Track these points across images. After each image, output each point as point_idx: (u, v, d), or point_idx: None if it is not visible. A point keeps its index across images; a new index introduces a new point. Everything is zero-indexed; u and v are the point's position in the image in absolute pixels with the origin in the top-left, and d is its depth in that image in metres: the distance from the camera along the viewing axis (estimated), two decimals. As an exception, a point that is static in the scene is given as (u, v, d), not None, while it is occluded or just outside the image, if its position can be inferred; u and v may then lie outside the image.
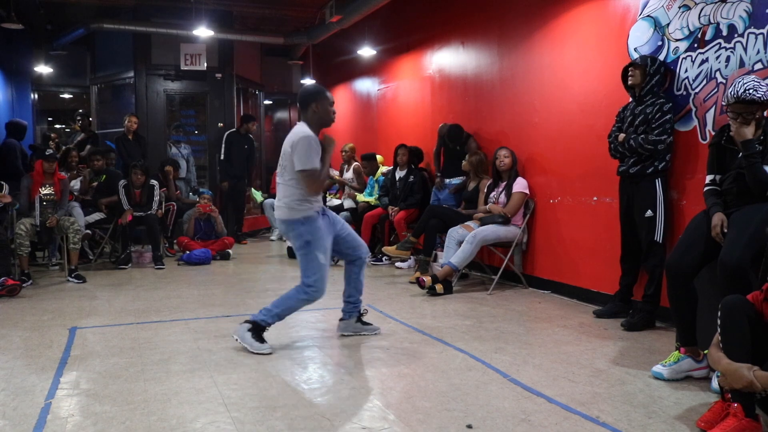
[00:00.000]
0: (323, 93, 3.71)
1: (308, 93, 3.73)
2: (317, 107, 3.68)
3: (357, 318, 4.03)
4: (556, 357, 3.52)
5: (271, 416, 2.68)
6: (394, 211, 6.84)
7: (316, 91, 3.73)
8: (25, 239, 5.73)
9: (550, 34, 5.33)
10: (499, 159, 5.57)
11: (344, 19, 7.78)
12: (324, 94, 3.70)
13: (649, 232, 4.12)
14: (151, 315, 4.60)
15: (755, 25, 3.65)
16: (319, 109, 3.68)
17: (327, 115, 3.71)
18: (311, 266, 3.63)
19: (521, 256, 5.72)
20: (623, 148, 4.17)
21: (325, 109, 3.70)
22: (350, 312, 4.02)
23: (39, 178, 6.05)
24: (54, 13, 9.32)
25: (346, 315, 4.03)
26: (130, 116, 8.31)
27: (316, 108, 3.68)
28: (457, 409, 2.75)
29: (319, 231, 3.64)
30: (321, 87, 3.80)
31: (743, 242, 2.91)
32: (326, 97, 3.70)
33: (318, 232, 3.64)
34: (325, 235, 3.68)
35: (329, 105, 3.71)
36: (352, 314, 4.02)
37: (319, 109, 3.68)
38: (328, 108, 3.71)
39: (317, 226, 3.64)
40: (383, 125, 8.74)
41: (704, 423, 2.51)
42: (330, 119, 3.74)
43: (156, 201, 7.10)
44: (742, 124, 3.08)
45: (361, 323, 4.04)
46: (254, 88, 11.13)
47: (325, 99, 3.69)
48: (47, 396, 2.92)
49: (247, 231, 9.60)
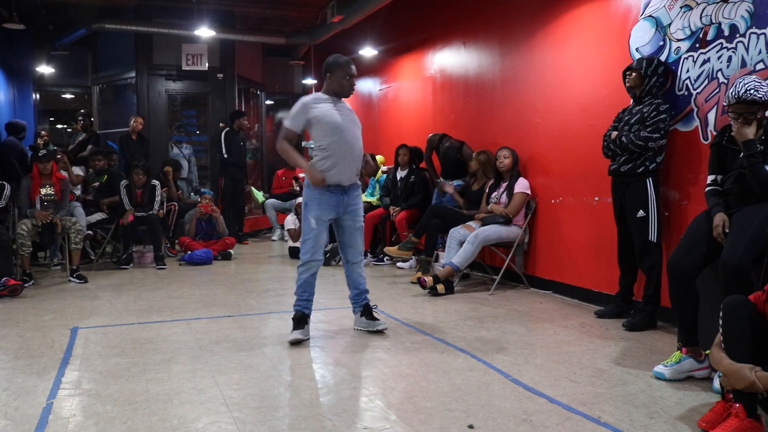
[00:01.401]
0: (337, 65, 3.86)
1: (326, 65, 3.92)
2: (331, 78, 3.87)
3: (361, 313, 4.14)
4: (558, 357, 3.52)
5: (272, 416, 2.68)
6: (396, 211, 6.84)
7: (332, 62, 3.89)
8: (26, 239, 5.73)
9: (552, 34, 5.32)
10: (500, 159, 5.57)
11: (346, 19, 7.78)
12: (337, 66, 3.86)
13: (642, 232, 4.12)
14: (152, 315, 4.61)
15: (757, 25, 3.64)
16: (333, 81, 3.87)
17: (340, 87, 3.88)
18: (305, 229, 3.89)
19: (523, 256, 5.72)
20: (615, 145, 4.17)
21: (338, 81, 3.86)
22: (356, 307, 4.18)
23: (37, 179, 6.06)
24: (56, 13, 9.33)
25: (354, 310, 4.20)
26: (135, 117, 8.35)
27: (330, 79, 3.87)
28: (458, 410, 2.75)
29: (316, 199, 3.83)
30: (338, 58, 3.90)
31: (745, 242, 2.90)
32: (340, 68, 3.85)
33: (314, 200, 3.84)
34: (322, 206, 3.83)
35: (343, 77, 3.85)
36: (356, 309, 4.18)
37: (333, 80, 3.87)
38: (342, 80, 3.86)
39: (315, 194, 3.83)
40: (384, 125, 8.74)
41: (706, 423, 2.50)
42: (344, 91, 3.90)
43: (157, 201, 7.10)
44: (743, 124, 3.08)
45: (366, 318, 4.13)
46: (256, 88, 11.15)
47: (338, 70, 3.85)
48: (49, 396, 2.93)
49: (248, 231, 9.61)
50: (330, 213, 3.88)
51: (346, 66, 3.85)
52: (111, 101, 10.31)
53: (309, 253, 3.86)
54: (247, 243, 9.07)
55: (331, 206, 3.87)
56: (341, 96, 3.91)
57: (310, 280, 3.89)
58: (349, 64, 3.87)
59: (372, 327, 4.09)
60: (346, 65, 3.86)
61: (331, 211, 3.88)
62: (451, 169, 6.53)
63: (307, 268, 3.87)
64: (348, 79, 3.86)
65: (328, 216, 3.88)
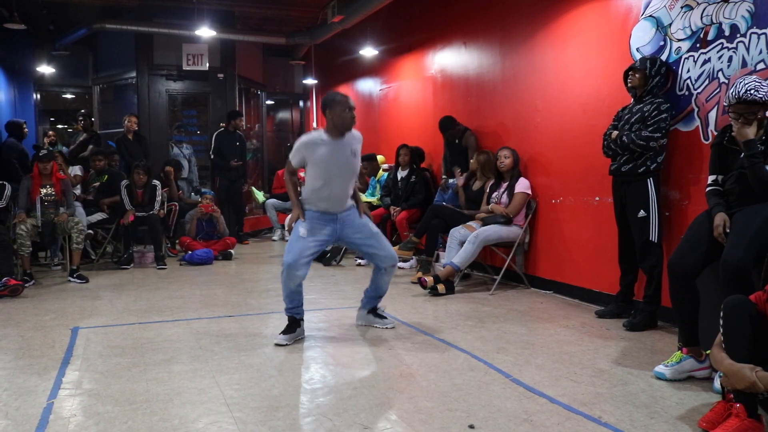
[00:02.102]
0: (335, 100, 3.85)
1: (323, 102, 3.93)
2: (331, 114, 3.84)
3: (369, 310, 4.20)
4: (558, 357, 3.52)
5: (273, 416, 2.68)
6: (396, 211, 6.84)
7: (329, 99, 3.88)
8: (26, 239, 5.73)
9: (552, 34, 5.32)
10: (500, 159, 5.57)
11: (346, 19, 7.78)
12: (335, 102, 3.84)
13: (642, 232, 4.12)
14: (153, 315, 4.61)
15: (758, 25, 3.64)
16: (333, 116, 3.84)
17: (341, 120, 3.84)
18: (292, 236, 3.95)
19: (523, 256, 5.72)
20: (615, 145, 4.17)
21: (338, 115, 3.83)
22: (365, 304, 4.24)
23: (37, 179, 6.06)
24: (56, 13, 9.33)
25: (362, 305, 4.25)
26: (129, 116, 8.32)
27: (331, 116, 3.85)
28: (459, 409, 2.75)
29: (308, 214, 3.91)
30: (334, 95, 3.90)
31: (746, 242, 2.91)
32: (338, 103, 3.83)
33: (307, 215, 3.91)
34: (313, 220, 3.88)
35: (342, 111, 3.82)
36: (365, 306, 4.23)
37: (333, 116, 3.84)
38: (342, 114, 3.83)
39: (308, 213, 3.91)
40: (385, 125, 8.74)
41: (706, 423, 2.50)
42: (345, 125, 3.86)
43: (158, 201, 7.10)
44: (743, 124, 3.08)
45: (374, 315, 4.20)
46: (256, 89, 11.14)
47: (337, 106, 3.82)
48: (49, 396, 2.93)
49: (248, 231, 9.61)
50: (324, 229, 3.89)
51: (344, 101, 3.84)
52: (111, 101, 10.31)
53: (293, 255, 3.79)
54: (248, 243, 9.07)
55: (324, 223, 3.90)
56: (342, 131, 3.87)
57: (297, 290, 3.88)
58: (346, 98, 3.86)
59: (377, 324, 4.16)
60: (344, 100, 3.85)
61: (325, 227, 3.89)
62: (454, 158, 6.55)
63: (288, 277, 3.79)
64: (348, 111, 3.84)
65: (320, 230, 3.88)
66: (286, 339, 3.80)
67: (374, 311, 4.22)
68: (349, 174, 3.93)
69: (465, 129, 6.42)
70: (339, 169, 3.85)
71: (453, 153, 6.59)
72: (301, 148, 3.86)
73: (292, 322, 3.90)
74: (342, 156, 3.86)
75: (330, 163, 3.82)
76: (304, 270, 3.83)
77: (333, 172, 3.83)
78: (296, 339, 3.86)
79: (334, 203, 3.90)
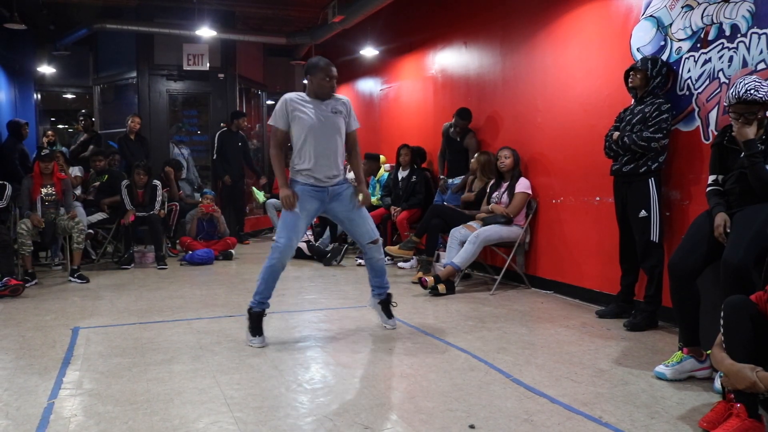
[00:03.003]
0: (318, 67, 3.84)
1: (306, 66, 3.91)
2: (311, 80, 3.86)
3: (380, 301, 4.19)
4: (559, 357, 3.52)
5: (273, 416, 2.68)
6: (397, 211, 6.84)
7: (310, 65, 3.88)
8: (26, 238, 5.73)
9: (553, 34, 5.32)
10: (501, 159, 5.57)
11: (347, 19, 7.78)
12: (317, 68, 3.83)
13: (644, 232, 4.11)
14: (153, 315, 4.61)
15: (758, 25, 3.64)
16: (313, 82, 3.85)
17: (320, 88, 3.84)
18: (282, 214, 3.90)
19: (524, 256, 5.72)
20: (617, 146, 4.17)
21: (318, 83, 3.83)
22: (373, 294, 4.22)
23: (38, 179, 6.06)
24: (57, 13, 9.33)
25: (373, 295, 4.23)
26: (132, 116, 8.32)
27: (311, 81, 3.86)
28: (459, 409, 2.75)
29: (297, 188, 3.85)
30: (318, 60, 3.87)
31: (746, 242, 2.90)
32: (320, 70, 3.83)
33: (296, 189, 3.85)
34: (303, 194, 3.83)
35: (322, 79, 3.83)
36: (374, 296, 4.22)
37: (313, 82, 3.85)
38: (322, 81, 3.83)
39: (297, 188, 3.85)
40: (386, 125, 8.74)
41: (707, 423, 2.50)
42: (324, 92, 3.86)
43: (158, 201, 7.11)
44: (744, 124, 3.08)
45: (382, 307, 4.20)
46: (257, 88, 11.14)
47: (318, 72, 3.83)
48: (50, 396, 2.93)
49: (249, 231, 9.61)
50: (312, 202, 3.86)
51: (326, 68, 3.83)
52: (112, 101, 10.31)
53: (284, 237, 3.78)
54: (249, 243, 9.07)
55: (312, 196, 3.86)
56: (321, 97, 3.87)
57: (275, 275, 3.85)
58: (329, 65, 3.85)
59: (385, 322, 4.17)
60: (327, 67, 3.83)
61: (313, 200, 3.86)
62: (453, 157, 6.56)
63: (280, 258, 3.78)
64: (328, 80, 3.83)
65: (310, 204, 3.85)
66: (260, 341, 3.75)
67: (385, 305, 4.18)
68: (332, 130, 3.87)
69: (469, 129, 6.43)
70: (321, 124, 3.81)
71: (452, 152, 6.60)
72: (283, 105, 3.82)
73: (257, 318, 3.82)
74: (322, 113, 3.84)
75: (310, 117, 3.80)
76: (294, 246, 3.86)
77: (315, 126, 3.79)
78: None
79: (321, 167, 3.83)
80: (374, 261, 4.10)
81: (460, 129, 6.43)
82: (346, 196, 3.97)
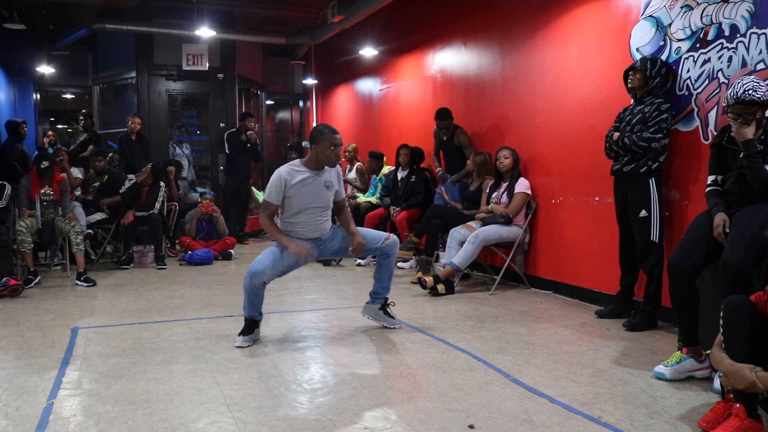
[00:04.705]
0: (322, 135, 3.84)
1: (311, 135, 3.93)
2: (316, 149, 3.86)
3: (380, 306, 4.21)
4: (558, 357, 3.52)
5: (273, 416, 2.68)
6: (396, 211, 6.84)
7: (315, 133, 3.89)
8: (26, 236, 5.72)
9: (552, 34, 5.32)
10: (500, 159, 5.57)
11: (346, 19, 7.78)
12: (322, 137, 3.83)
13: (644, 232, 4.11)
14: (153, 315, 4.61)
15: (757, 25, 3.64)
16: (318, 151, 3.85)
17: (325, 158, 3.87)
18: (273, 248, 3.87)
19: (523, 256, 5.72)
20: (617, 146, 4.18)
21: (322, 152, 3.85)
22: (374, 298, 4.23)
23: (37, 182, 6.05)
24: (56, 13, 9.33)
25: (371, 300, 4.25)
26: (133, 117, 8.32)
27: (316, 150, 3.87)
28: (459, 410, 2.75)
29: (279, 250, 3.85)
30: (322, 128, 3.89)
31: (745, 242, 2.90)
32: (325, 138, 3.83)
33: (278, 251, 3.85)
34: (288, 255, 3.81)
35: (327, 147, 3.83)
36: (375, 301, 4.23)
37: (318, 150, 3.85)
38: (326, 150, 3.84)
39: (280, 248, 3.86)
40: (385, 125, 8.74)
41: (706, 423, 2.50)
42: (328, 162, 3.89)
43: (159, 201, 7.10)
44: (742, 124, 3.08)
45: (383, 312, 4.21)
46: (256, 89, 11.14)
47: (323, 140, 3.83)
48: (49, 396, 2.93)
49: (249, 231, 9.61)
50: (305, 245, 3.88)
51: (331, 136, 3.83)
52: (111, 101, 10.31)
53: (261, 266, 3.74)
54: (248, 243, 9.07)
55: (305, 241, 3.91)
56: (325, 166, 3.91)
57: (259, 298, 3.85)
58: (333, 133, 3.86)
59: (385, 321, 4.18)
60: (331, 135, 3.84)
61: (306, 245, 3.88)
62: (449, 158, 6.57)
63: (251, 284, 3.75)
64: (332, 149, 3.84)
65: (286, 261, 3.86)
66: (245, 341, 3.77)
67: (384, 308, 4.22)
68: (322, 205, 3.96)
69: (456, 126, 6.43)
70: (312, 199, 3.88)
71: (447, 152, 6.61)
72: (278, 182, 3.83)
73: (251, 324, 3.86)
74: (316, 188, 3.89)
75: (304, 193, 3.85)
76: (267, 281, 3.82)
77: (306, 201, 3.87)
78: (254, 339, 3.84)
79: (310, 232, 3.95)
80: (391, 259, 4.12)
81: (445, 129, 6.45)
82: (339, 234, 4.06)
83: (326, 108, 11.36)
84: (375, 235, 4.13)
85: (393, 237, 4.15)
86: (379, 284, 4.17)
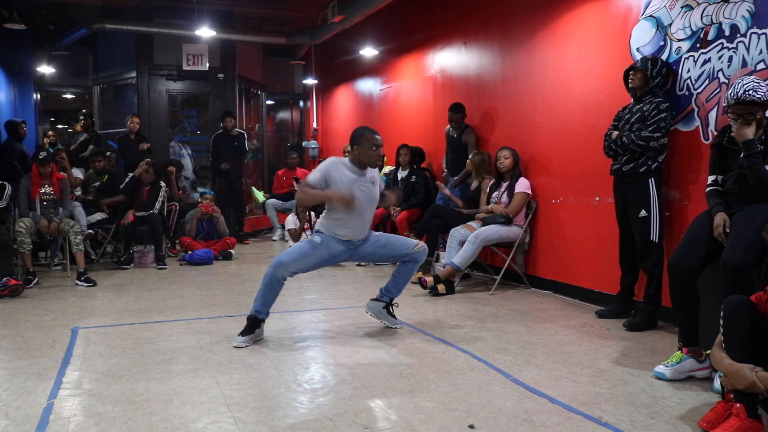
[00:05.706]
0: (362, 137, 3.92)
1: (353, 136, 3.99)
2: (358, 149, 3.93)
3: (385, 305, 4.21)
4: (559, 357, 3.52)
5: (273, 416, 2.68)
6: (396, 211, 6.84)
7: (356, 135, 3.96)
8: (26, 236, 5.71)
9: (553, 34, 5.32)
10: (500, 160, 5.57)
11: (346, 19, 7.78)
12: (364, 138, 3.92)
13: (643, 232, 4.11)
14: (153, 315, 4.61)
15: (758, 25, 3.64)
16: (360, 152, 3.92)
17: (367, 158, 3.93)
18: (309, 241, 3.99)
19: (523, 256, 5.72)
20: (616, 145, 4.17)
21: (365, 152, 3.91)
22: (383, 295, 4.22)
23: (37, 179, 6.05)
24: (56, 13, 9.33)
25: (379, 296, 4.24)
26: (132, 116, 8.32)
27: (358, 151, 3.93)
28: (459, 410, 2.75)
29: (327, 234, 3.96)
30: (362, 130, 3.97)
31: (746, 243, 2.90)
32: (366, 139, 3.91)
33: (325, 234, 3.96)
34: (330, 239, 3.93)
35: (369, 147, 3.90)
36: (382, 298, 4.23)
37: (360, 151, 3.92)
38: (369, 151, 3.91)
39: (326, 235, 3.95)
40: (385, 125, 8.74)
41: (706, 423, 2.50)
42: (371, 162, 3.96)
43: (159, 201, 7.10)
44: (743, 124, 3.08)
45: (387, 311, 4.21)
46: (256, 89, 11.15)
47: (365, 142, 3.91)
48: (49, 396, 2.93)
49: (249, 231, 9.61)
50: (337, 246, 3.93)
51: (372, 138, 3.91)
52: (112, 101, 10.32)
53: (289, 257, 3.81)
54: (248, 243, 9.07)
55: (338, 242, 3.95)
56: (368, 166, 3.98)
57: (275, 294, 3.89)
58: (374, 134, 3.94)
59: (388, 322, 4.19)
60: (373, 136, 3.91)
61: (338, 245, 3.94)
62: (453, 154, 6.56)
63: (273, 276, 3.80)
64: (375, 149, 3.91)
65: (335, 246, 3.93)
66: (245, 341, 3.76)
67: (388, 308, 4.22)
68: (370, 201, 4.00)
69: (466, 125, 6.43)
70: (364, 198, 3.92)
71: (452, 150, 6.60)
72: (328, 167, 3.88)
73: (254, 323, 3.86)
74: (363, 184, 3.94)
75: (352, 190, 3.86)
76: (291, 274, 3.86)
77: (359, 199, 3.89)
78: (255, 340, 3.83)
79: (354, 231, 3.96)
80: (416, 265, 4.14)
81: (456, 124, 6.43)
82: (371, 239, 4.08)
83: (326, 108, 11.36)
84: (405, 241, 4.16)
85: (423, 245, 4.17)
86: (394, 284, 4.18)
